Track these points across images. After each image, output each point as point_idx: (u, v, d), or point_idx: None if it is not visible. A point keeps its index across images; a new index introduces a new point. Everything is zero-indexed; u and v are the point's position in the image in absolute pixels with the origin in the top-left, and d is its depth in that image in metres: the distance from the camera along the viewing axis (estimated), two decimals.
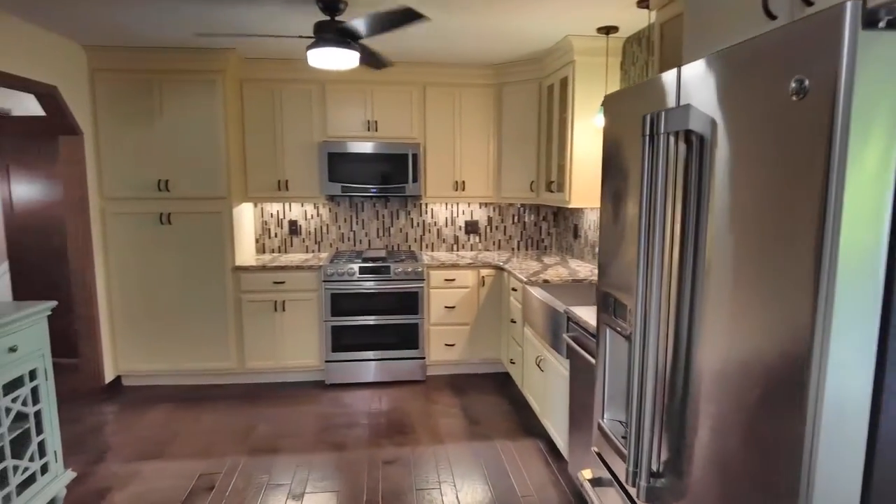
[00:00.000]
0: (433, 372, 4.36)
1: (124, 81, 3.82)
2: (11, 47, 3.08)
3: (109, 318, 4.01)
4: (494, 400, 3.90)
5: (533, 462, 3.09)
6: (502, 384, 4.18)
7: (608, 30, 3.27)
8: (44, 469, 2.58)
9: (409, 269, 4.08)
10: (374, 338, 4.13)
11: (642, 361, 1.39)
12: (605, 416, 1.85)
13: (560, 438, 2.95)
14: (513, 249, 4.83)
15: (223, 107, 3.88)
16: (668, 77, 1.40)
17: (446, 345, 4.23)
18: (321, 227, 4.64)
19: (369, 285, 4.07)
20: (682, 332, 1.34)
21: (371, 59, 3.18)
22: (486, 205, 4.74)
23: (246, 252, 4.35)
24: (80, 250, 3.77)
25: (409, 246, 4.73)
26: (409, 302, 4.11)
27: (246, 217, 4.37)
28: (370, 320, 4.10)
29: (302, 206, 4.60)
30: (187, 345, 4.10)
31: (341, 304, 4.08)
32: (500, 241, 4.81)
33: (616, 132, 1.74)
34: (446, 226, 4.74)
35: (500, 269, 4.17)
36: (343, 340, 4.11)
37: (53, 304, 2.65)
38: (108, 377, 4.01)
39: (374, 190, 4.20)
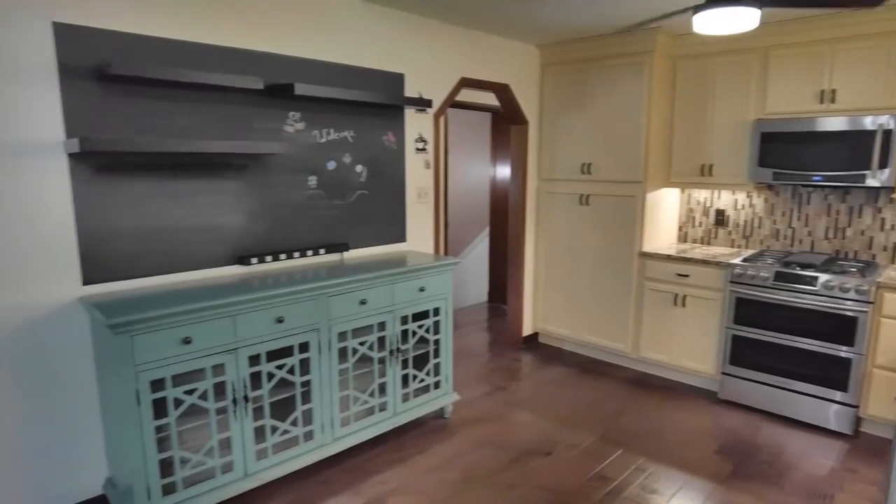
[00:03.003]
0: (870, 430, 3.19)
1: (565, 73, 4.24)
2: (477, 57, 3.89)
3: (534, 281, 4.65)
4: None
5: None
6: None
7: None
8: (436, 385, 3.33)
9: (848, 286, 3.07)
10: (785, 362, 3.34)
11: None
12: None
13: None
14: None
15: (647, 90, 3.81)
16: None
17: None
18: (752, 220, 3.98)
19: (785, 296, 3.29)
20: None
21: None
22: None
23: (662, 239, 4.20)
24: (516, 222, 4.49)
25: (874, 255, 3.51)
26: (843, 328, 3.11)
27: (667, 203, 4.20)
28: (783, 339, 3.33)
29: (733, 194, 4.05)
30: (591, 319, 4.33)
31: (748, 311, 3.45)
32: None
33: None
34: None
35: None
36: (745, 354, 3.49)
37: (458, 261, 3.32)
38: (527, 331, 4.68)
39: (818, 178, 3.31)
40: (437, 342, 3.29)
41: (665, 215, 4.20)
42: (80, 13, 2.20)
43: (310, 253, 3.09)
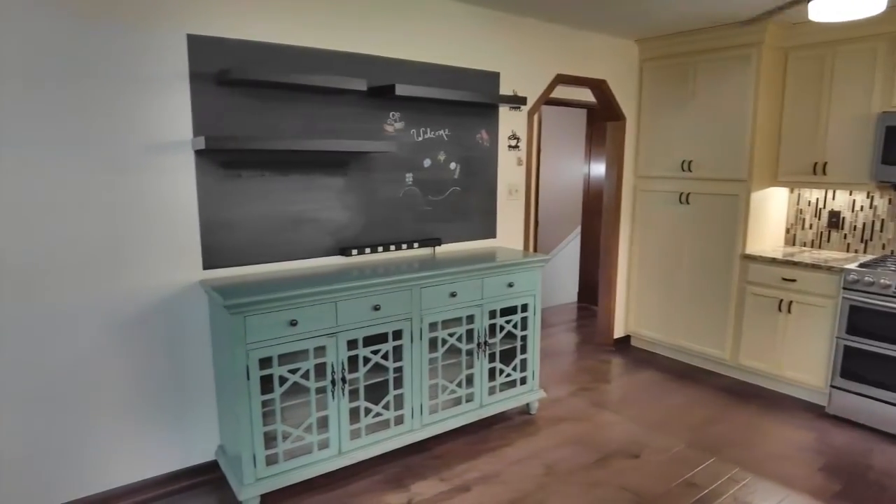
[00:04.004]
0: None
1: (666, 68, 4.10)
2: (574, 53, 3.86)
3: (626, 282, 4.54)
4: None
5: None
6: None
7: None
8: (522, 380, 3.36)
9: None
10: None
11: None
12: None
13: None
14: None
15: (754, 83, 3.60)
16: None
17: None
18: (872, 223, 3.66)
19: None
20: None
21: None
22: None
23: (768, 241, 3.96)
24: (610, 220, 4.41)
25: None
26: None
27: (774, 203, 3.95)
28: None
29: (850, 194, 3.74)
30: (687, 323, 4.17)
31: (862, 321, 3.19)
32: None
33: None
34: None
35: None
36: (858, 367, 3.23)
37: (547, 258, 3.33)
38: (618, 333, 4.58)
39: None
40: (524, 338, 3.32)
41: (771, 216, 3.96)
42: (208, 25, 2.45)
43: (404, 246, 3.22)
